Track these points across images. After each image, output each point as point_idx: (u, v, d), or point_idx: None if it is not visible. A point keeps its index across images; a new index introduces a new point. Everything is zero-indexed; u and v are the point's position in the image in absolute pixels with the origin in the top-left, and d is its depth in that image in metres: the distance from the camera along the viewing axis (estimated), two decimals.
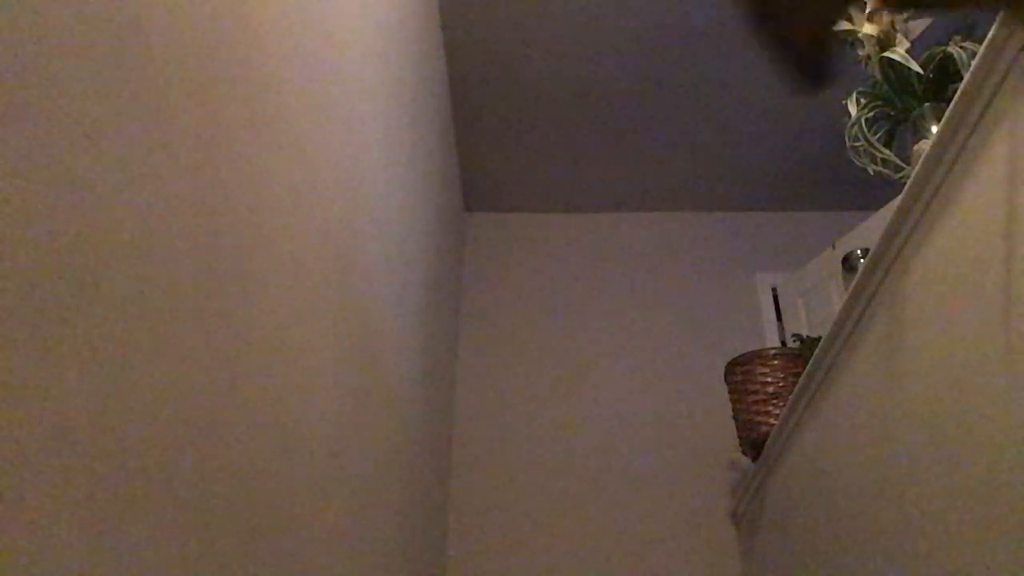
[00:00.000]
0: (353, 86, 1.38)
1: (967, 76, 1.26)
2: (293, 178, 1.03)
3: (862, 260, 1.80)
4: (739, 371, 2.56)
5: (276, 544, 0.94)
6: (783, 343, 3.09)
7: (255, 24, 0.90)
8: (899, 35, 1.67)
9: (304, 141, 1.09)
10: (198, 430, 0.73)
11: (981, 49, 1.21)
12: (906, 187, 1.48)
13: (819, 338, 2.05)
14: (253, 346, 0.88)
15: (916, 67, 1.61)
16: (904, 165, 1.67)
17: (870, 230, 2.44)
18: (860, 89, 1.78)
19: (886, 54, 1.66)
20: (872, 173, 1.74)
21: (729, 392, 2.63)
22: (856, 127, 1.73)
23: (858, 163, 1.76)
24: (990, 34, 1.19)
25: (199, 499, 0.73)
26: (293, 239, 1.03)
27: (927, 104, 1.65)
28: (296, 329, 1.03)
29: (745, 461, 2.71)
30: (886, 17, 1.70)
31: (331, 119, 1.23)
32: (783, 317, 3.23)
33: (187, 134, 0.72)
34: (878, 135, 1.74)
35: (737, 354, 2.60)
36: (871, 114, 1.74)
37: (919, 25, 1.69)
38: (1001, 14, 1.14)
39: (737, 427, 2.58)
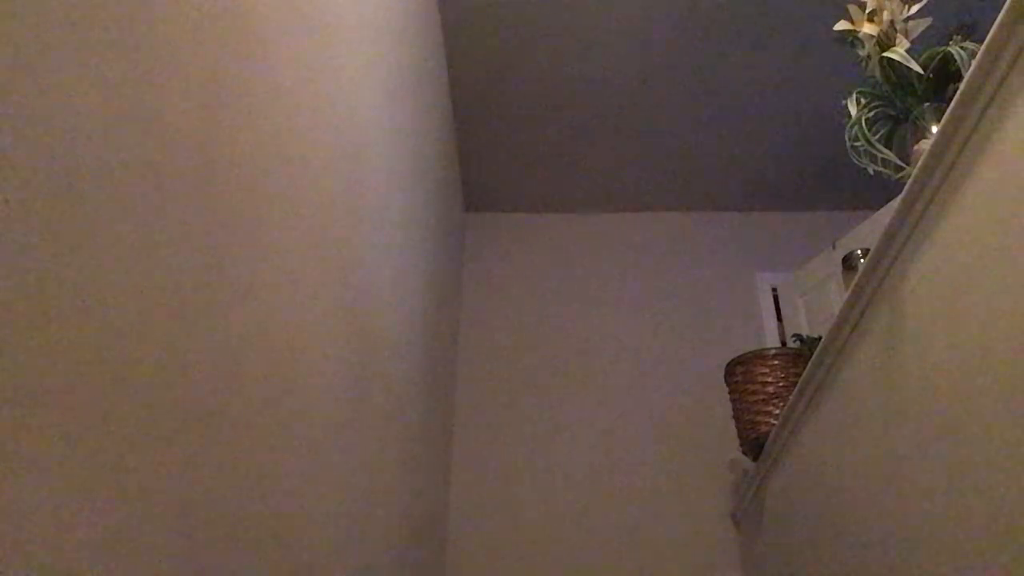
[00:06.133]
0: (353, 86, 1.38)
1: (967, 76, 1.25)
2: (293, 178, 1.03)
3: (862, 260, 1.79)
4: (739, 371, 2.56)
5: (275, 545, 0.94)
6: (783, 343, 3.09)
7: (255, 25, 0.90)
8: (899, 35, 1.67)
9: (304, 141, 1.09)
10: (197, 430, 0.73)
11: (981, 49, 1.21)
12: (906, 187, 1.48)
13: (819, 338, 2.05)
14: (253, 346, 0.88)
15: (916, 67, 1.61)
16: (904, 165, 1.67)
17: (870, 230, 2.44)
18: (860, 89, 1.77)
19: (886, 54, 1.66)
20: (872, 173, 1.74)
21: (729, 392, 2.63)
22: (856, 127, 1.73)
23: (858, 163, 1.76)
24: (990, 34, 1.19)
25: (198, 500, 0.73)
26: (294, 239, 1.03)
27: (927, 104, 1.65)
28: (296, 329, 1.03)
29: (745, 461, 2.71)
30: (886, 16, 1.70)
31: (331, 120, 1.23)
32: (783, 317, 3.23)
33: (186, 136, 0.72)
34: (878, 135, 1.74)
35: (737, 354, 2.60)
36: (871, 114, 1.74)
37: (919, 25, 1.69)
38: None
39: (737, 427, 2.58)
